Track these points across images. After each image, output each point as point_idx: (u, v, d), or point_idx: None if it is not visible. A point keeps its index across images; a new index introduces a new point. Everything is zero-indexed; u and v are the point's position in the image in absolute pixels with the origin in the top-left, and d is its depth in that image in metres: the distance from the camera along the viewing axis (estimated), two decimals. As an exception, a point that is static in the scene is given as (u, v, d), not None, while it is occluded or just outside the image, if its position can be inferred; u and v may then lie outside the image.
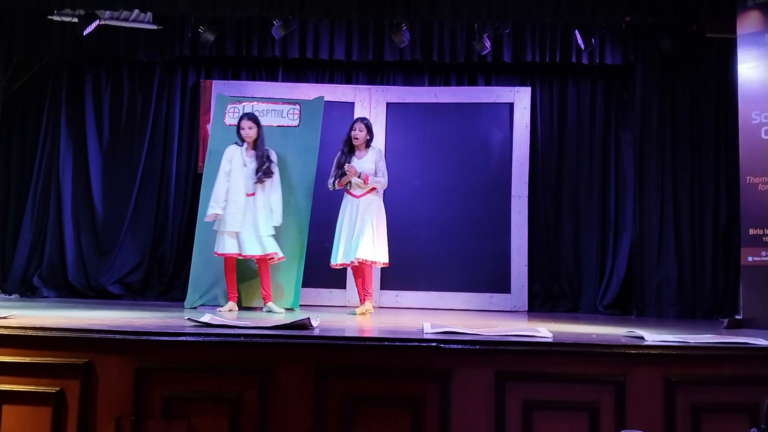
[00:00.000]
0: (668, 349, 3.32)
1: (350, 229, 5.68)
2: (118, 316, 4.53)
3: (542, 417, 3.20)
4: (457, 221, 7.00)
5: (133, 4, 5.96)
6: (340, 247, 5.71)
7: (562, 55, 6.84)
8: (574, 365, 3.25)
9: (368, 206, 5.70)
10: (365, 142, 5.79)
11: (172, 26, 6.85)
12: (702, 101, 6.69)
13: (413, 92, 7.19)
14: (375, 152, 5.82)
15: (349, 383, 3.20)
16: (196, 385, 3.21)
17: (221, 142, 6.24)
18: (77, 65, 7.17)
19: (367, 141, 5.80)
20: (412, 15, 5.99)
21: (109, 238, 7.05)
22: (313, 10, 5.94)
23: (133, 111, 7.21)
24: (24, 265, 6.93)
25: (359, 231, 5.63)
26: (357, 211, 5.68)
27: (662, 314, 6.44)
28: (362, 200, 5.72)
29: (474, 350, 3.24)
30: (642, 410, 3.21)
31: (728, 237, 6.52)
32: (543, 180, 7.12)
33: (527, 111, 7.08)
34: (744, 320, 5.23)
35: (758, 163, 5.33)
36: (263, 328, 3.50)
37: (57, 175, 7.05)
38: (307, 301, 6.43)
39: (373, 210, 5.70)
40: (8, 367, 3.24)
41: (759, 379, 3.23)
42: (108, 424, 3.19)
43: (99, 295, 6.83)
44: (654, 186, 6.63)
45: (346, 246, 5.67)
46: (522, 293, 6.89)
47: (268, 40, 6.82)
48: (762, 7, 5.42)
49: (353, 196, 5.75)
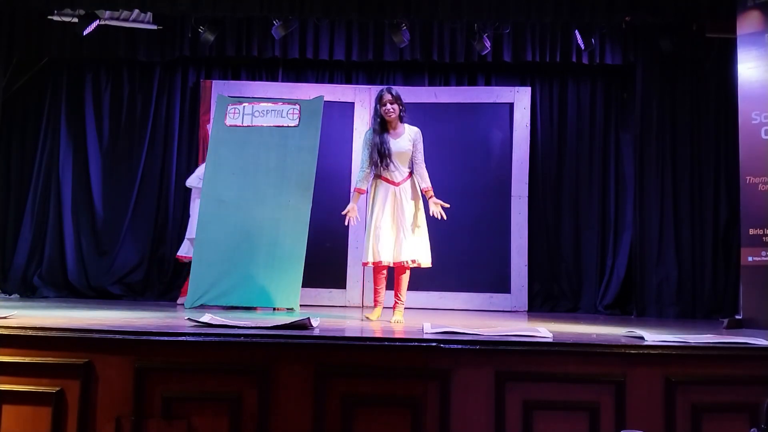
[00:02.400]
0: (668, 349, 3.32)
1: (393, 222, 4.85)
2: (118, 316, 4.53)
3: (542, 417, 3.20)
4: (457, 221, 6.94)
5: (133, 4, 5.96)
6: (382, 242, 4.82)
7: (562, 55, 6.85)
8: (574, 365, 3.25)
9: (410, 194, 4.92)
10: (399, 116, 4.95)
11: (172, 26, 6.86)
12: (702, 101, 6.69)
13: (413, 92, 7.18)
14: (414, 132, 4.97)
15: (349, 383, 3.20)
16: (196, 385, 3.21)
17: (221, 142, 6.25)
18: (77, 65, 7.17)
19: (401, 113, 4.96)
20: (412, 15, 5.99)
21: (109, 238, 7.05)
22: (313, 10, 5.94)
23: (133, 111, 7.21)
24: (24, 265, 6.94)
25: (405, 226, 4.83)
26: (399, 202, 4.87)
27: (662, 314, 6.44)
28: (402, 187, 4.92)
29: (474, 350, 3.24)
30: (642, 410, 3.21)
31: (728, 237, 6.52)
32: (543, 180, 7.12)
33: (527, 111, 7.08)
34: (744, 320, 5.23)
35: (758, 163, 5.33)
36: (263, 328, 3.49)
37: (57, 175, 7.06)
38: (307, 301, 6.42)
39: (414, 199, 4.92)
40: (8, 367, 3.24)
41: (759, 379, 3.22)
42: (108, 424, 3.18)
43: (99, 295, 6.84)
44: (654, 186, 6.63)
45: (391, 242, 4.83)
46: (522, 293, 6.89)
47: (268, 40, 6.83)
48: (762, 7, 5.42)
49: (391, 183, 4.92)
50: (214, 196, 6.15)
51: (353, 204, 4.97)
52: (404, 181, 4.92)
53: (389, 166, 4.90)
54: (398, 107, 4.91)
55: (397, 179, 4.92)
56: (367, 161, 4.95)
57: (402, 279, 4.93)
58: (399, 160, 4.91)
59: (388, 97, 4.90)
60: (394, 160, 4.89)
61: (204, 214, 6.12)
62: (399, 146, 4.90)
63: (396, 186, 4.91)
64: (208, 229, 6.04)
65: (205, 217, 6.12)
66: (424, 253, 4.88)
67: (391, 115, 4.89)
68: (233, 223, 6.07)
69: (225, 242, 6.01)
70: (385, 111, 4.88)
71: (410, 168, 4.97)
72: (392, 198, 4.88)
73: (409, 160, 4.95)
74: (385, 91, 4.95)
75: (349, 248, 6.96)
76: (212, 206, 6.13)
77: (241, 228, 6.02)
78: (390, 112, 4.88)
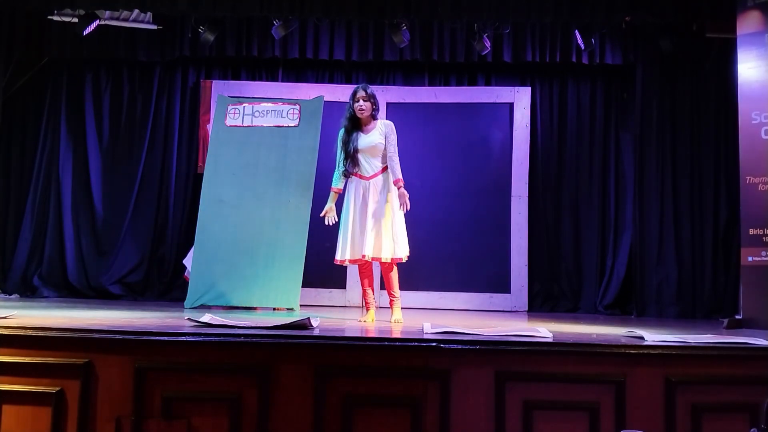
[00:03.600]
0: (668, 349, 3.32)
1: (365, 217, 4.77)
2: (118, 316, 4.53)
3: (542, 417, 3.20)
4: (457, 221, 7.00)
5: (133, 4, 5.96)
6: (354, 240, 4.77)
7: (562, 55, 6.84)
8: (574, 365, 3.25)
9: (381, 188, 4.83)
10: (372, 114, 4.92)
11: (172, 26, 6.85)
12: (702, 101, 6.69)
13: (413, 92, 7.19)
14: (386, 125, 4.90)
15: (349, 383, 3.20)
16: (196, 385, 3.21)
17: (221, 142, 6.25)
18: (77, 65, 7.17)
19: (373, 112, 4.92)
20: (412, 15, 5.99)
21: (109, 238, 7.05)
22: (313, 10, 5.94)
23: (133, 111, 7.21)
24: (24, 265, 6.93)
25: (376, 221, 4.75)
26: (369, 196, 4.80)
27: (662, 314, 6.44)
28: (373, 182, 4.84)
29: (474, 350, 3.24)
30: (642, 410, 3.21)
31: (728, 237, 6.52)
32: (543, 180, 7.12)
33: (527, 111, 7.08)
34: (744, 320, 5.23)
35: (758, 163, 5.33)
36: (263, 328, 3.49)
37: (57, 175, 7.05)
38: (307, 301, 6.42)
39: (386, 193, 4.82)
40: (8, 367, 3.24)
41: (759, 379, 3.22)
42: (108, 424, 3.18)
43: (99, 295, 6.83)
44: (654, 186, 6.63)
45: (364, 238, 4.74)
46: (522, 293, 6.89)
47: (268, 40, 6.82)
48: (762, 7, 5.42)
49: (362, 177, 4.86)
50: (214, 196, 6.16)
51: (330, 204, 4.93)
52: (376, 176, 4.85)
53: (359, 162, 4.85)
54: (371, 105, 4.87)
55: (368, 174, 4.84)
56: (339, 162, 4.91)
57: (390, 276, 4.85)
58: (370, 155, 4.85)
59: (362, 94, 4.86)
60: (363, 156, 4.84)
61: (204, 214, 6.12)
62: (369, 141, 4.85)
63: (367, 180, 4.84)
64: (208, 229, 6.04)
65: (205, 217, 6.12)
66: (400, 247, 4.78)
67: (364, 113, 4.86)
68: (233, 223, 6.07)
69: (225, 242, 6.01)
70: (357, 107, 4.85)
71: (384, 162, 4.88)
72: (363, 193, 4.82)
73: (381, 154, 4.86)
74: (359, 89, 4.91)
75: (349, 248, 6.94)
76: (212, 206, 6.13)
77: (241, 228, 6.03)
78: (363, 109, 4.85)
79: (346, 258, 4.80)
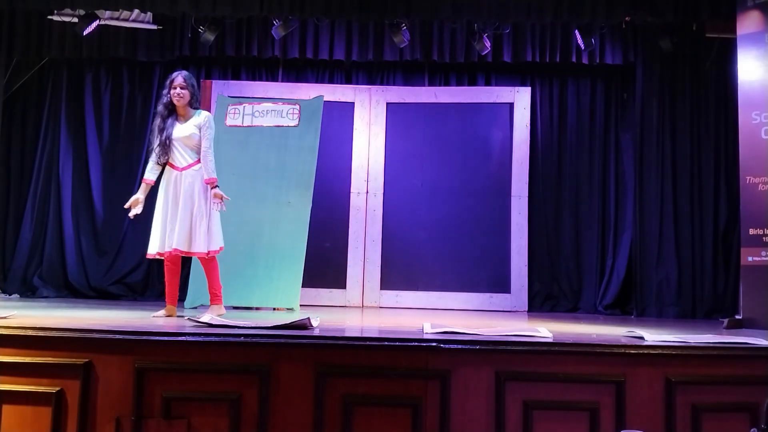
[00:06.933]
0: (668, 349, 3.32)
1: (175, 208, 4.56)
2: (118, 316, 4.53)
3: (542, 417, 3.20)
4: (457, 221, 7.00)
5: (133, 4, 5.96)
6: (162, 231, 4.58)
7: (562, 55, 6.84)
8: (574, 365, 3.25)
9: (193, 182, 4.61)
10: (189, 102, 4.68)
11: (172, 26, 6.85)
12: (702, 101, 6.69)
13: (413, 92, 7.19)
14: (203, 117, 4.68)
15: (349, 383, 3.20)
16: (196, 385, 3.21)
17: (222, 142, 6.23)
18: (77, 65, 7.17)
19: (192, 101, 4.70)
20: (412, 15, 5.99)
21: (109, 238, 7.05)
22: (313, 10, 5.95)
23: (133, 111, 7.21)
24: (24, 265, 6.93)
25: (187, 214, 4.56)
26: (180, 187, 4.59)
27: (662, 314, 6.44)
28: (185, 173, 4.63)
29: (474, 350, 3.24)
30: (642, 410, 3.21)
31: (728, 237, 6.52)
32: (543, 180, 7.12)
33: (527, 111, 7.08)
34: (744, 320, 5.23)
35: (758, 163, 5.33)
36: (263, 328, 3.49)
37: (57, 175, 7.05)
38: (307, 301, 6.42)
39: (199, 186, 4.61)
40: (8, 367, 3.24)
41: (759, 379, 3.22)
42: (108, 424, 3.19)
43: (99, 295, 6.83)
44: (654, 186, 6.63)
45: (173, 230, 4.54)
46: (522, 293, 6.89)
47: (268, 40, 6.82)
48: (762, 7, 5.42)
49: (175, 168, 4.63)
50: (214, 196, 6.14)
51: (138, 195, 4.72)
52: (189, 167, 4.63)
53: (173, 152, 4.63)
54: (189, 93, 4.65)
55: (181, 164, 4.63)
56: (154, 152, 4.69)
57: (209, 271, 4.69)
58: (184, 144, 4.64)
59: (180, 81, 4.64)
60: (176, 145, 4.63)
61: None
62: (183, 130, 4.64)
63: (179, 171, 4.63)
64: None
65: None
66: (214, 240, 4.62)
67: (180, 100, 4.64)
68: (233, 223, 6.06)
69: (225, 242, 6.00)
70: (175, 94, 4.64)
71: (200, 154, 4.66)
72: (175, 184, 4.61)
73: (196, 146, 4.65)
74: (178, 74, 4.70)
75: (349, 248, 6.95)
76: (212, 206, 6.12)
77: (241, 228, 6.02)
78: (179, 96, 4.63)
79: (155, 252, 4.61)
